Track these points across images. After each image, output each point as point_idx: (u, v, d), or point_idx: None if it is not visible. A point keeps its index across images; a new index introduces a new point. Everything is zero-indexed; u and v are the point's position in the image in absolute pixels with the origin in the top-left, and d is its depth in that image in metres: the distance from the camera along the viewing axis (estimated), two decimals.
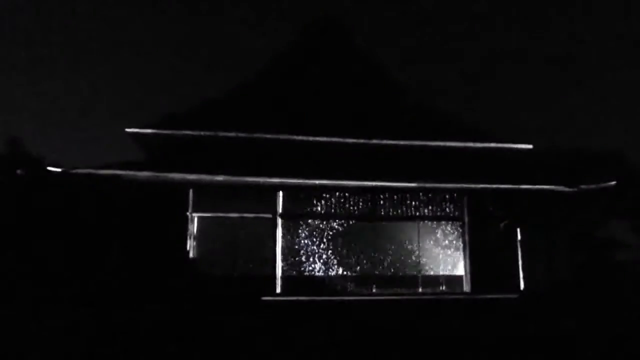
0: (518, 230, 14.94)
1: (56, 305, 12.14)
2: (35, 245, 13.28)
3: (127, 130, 14.92)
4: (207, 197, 14.40)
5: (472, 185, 14.65)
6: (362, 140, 15.45)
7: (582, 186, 14.92)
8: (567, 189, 14.90)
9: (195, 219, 14.41)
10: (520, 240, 14.96)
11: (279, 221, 14.50)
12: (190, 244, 14.24)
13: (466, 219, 15.00)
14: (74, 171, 13.68)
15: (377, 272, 14.78)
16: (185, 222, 14.26)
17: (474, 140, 15.95)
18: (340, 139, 15.36)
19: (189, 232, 14.27)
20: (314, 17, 19.29)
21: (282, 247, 14.41)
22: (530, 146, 15.82)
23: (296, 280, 14.32)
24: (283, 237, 14.46)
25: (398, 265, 14.92)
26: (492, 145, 15.89)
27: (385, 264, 14.88)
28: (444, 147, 15.73)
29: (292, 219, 14.62)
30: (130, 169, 13.93)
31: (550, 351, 9.37)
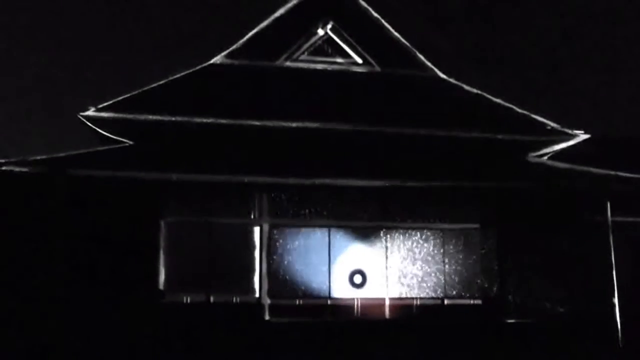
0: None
1: None
2: None
3: (81, 114, 12.05)
4: (177, 199, 11.57)
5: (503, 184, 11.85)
6: (372, 128, 12.33)
7: None
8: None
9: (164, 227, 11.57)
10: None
11: (266, 230, 11.65)
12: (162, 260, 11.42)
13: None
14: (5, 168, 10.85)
15: (388, 295, 11.78)
16: (156, 231, 11.38)
17: (510, 132, 12.76)
18: (346, 126, 12.24)
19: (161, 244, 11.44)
20: None
21: (269, 264, 11.53)
22: (588, 136, 12.53)
23: (286, 307, 11.46)
24: (270, 250, 11.58)
25: (416, 288, 11.85)
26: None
27: (400, 286, 11.81)
28: (473, 137, 12.60)
29: (283, 227, 11.75)
30: (85, 165, 11.13)
31: None
